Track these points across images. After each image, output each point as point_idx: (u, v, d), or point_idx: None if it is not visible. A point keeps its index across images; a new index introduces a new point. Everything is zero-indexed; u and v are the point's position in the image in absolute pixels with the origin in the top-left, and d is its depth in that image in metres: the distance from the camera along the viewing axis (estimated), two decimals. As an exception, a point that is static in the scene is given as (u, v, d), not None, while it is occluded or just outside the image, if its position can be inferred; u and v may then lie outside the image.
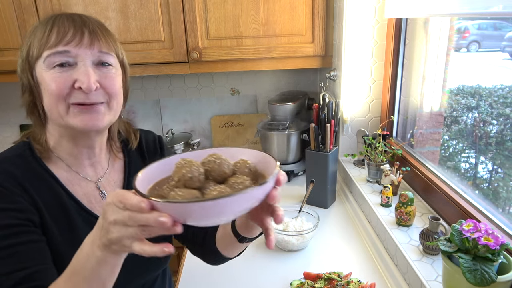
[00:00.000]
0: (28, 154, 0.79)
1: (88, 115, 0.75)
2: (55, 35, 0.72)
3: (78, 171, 0.84)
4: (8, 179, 0.73)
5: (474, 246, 0.78)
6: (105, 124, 0.79)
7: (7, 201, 0.71)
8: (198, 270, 1.20)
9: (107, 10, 1.66)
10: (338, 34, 1.65)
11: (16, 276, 0.66)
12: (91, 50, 0.74)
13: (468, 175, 1.29)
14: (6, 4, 1.64)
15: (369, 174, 1.47)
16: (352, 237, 1.34)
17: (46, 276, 0.68)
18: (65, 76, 0.73)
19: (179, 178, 0.53)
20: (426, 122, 1.49)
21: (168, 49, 1.72)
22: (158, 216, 0.48)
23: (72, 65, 0.74)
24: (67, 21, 0.75)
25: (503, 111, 1.14)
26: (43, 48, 0.73)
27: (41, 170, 0.79)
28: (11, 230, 0.69)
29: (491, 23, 1.43)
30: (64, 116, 0.75)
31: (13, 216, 0.70)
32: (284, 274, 1.15)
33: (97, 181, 0.86)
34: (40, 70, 0.74)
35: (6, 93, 2.19)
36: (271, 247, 0.60)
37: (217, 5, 1.67)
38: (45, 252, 0.73)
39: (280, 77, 2.19)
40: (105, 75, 0.76)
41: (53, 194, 0.78)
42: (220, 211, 0.49)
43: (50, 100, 0.74)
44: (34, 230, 0.73)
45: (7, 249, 0.68)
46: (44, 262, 0.71)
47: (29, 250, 0.70)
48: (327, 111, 1.54)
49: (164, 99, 2.20)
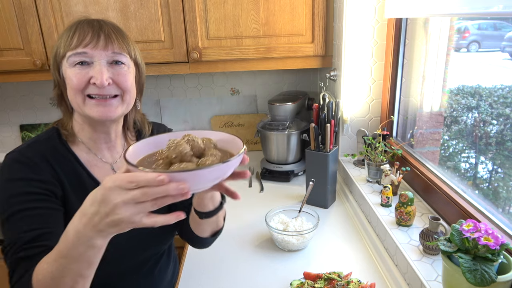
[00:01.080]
0: (56, 137, 0.94)
1: (102, 107, 0.88)
2: (76, 38, 0.86)
3: (97, 153, 0.97)
4: (37, 155, 0.88)
5: (474, 246, 0.78)
6: (118, 114, 0.91)
7: (34, 173, 0.85)
8: (198, 270, 1.20)
9: (107, 10, 1.66)
10: (338, 34, 1.65)
11: (28, 235, 0.78)
12: (106, 51, 0.87)
13: (468, 175, 1.29)
14: (6, 4, 1.64)
15: (369, 174, 1.47)
16: (352, 237, 1.34)
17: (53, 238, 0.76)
18: (83, 73, 0.86)
19: (176, 154, 0.63)
20: (426, 122, 1.49)
21: (168, 49, 1.72)
22: (178, 185, 0.55)
23: (89, 64, 0.86)
24: (87, 26, 0.87)
25: (503, 111, 1.14)
26: (66, 49, 0.86)
27: (66, 151, 0.93)
28: (34, 196, 0.83)
29: (491, 23, 1.43)
30: (81, 106, 0.88)
31: (37, 186, 0.84)
32: (284, 274, 1.15)
33: (113, 164, 0.99)
34: (65, 68, 0.88)
35: (6, 93, 2.19)
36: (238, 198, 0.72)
37: (217, 5, 1.67)
38: (59, 220, 0.85)
39: (280, 77, 2.19)
40: (117, 72, 0.88)
41: (74, 172, 0.92)
42: (214, 177, 0.61)
43: (71, 92, 0.88)
44: (54, 200, 0.86)
45: (28, 211, 0.81)
46: (55, 227, 0.82)
47: (45, 215, 0.82)
48: (327, 111, 1.54)
49: (164, 99, 2.20)
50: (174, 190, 0.55)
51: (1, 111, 2.22)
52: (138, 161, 0.66)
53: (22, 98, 2.20)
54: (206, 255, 1.28)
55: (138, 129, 1.07)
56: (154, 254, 1.05)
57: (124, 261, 0.95)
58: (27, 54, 1.72)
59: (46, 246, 0.76)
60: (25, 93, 2.19)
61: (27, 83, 2.17)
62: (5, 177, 0.85)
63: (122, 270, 0.97)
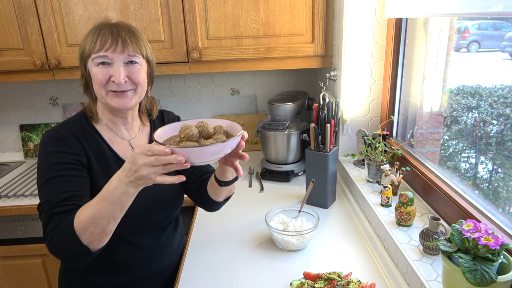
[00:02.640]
0: (83, 118, 1.15)
1: (120, 98, 1.08)
2: (99, 43, 1.04)
3: (117, 132, 1.18)
4: (68, 132, 1.08)
5: (474, 246, 0.78)
6: (133, 104, 1.11)
7: (66, 146, 1.05)
8: (198, 270, 1.20)
9: (107, 10, 1.66)
10: (338, 34, 1.65)
11: (62, 195, 0.96)
12: (123, 54, 1.05)
13: (468, 175, 1.29)
14: (6, 4, 1.64)
15: (369, 174, 1.47)
16: (352, 237, 1.34)
17: (82, 199, 0.97)
18: (105, 72, 1.05)
19: (184, 135, 0.85)
20: (426, 122, 1.49)
21: (168, 49, 1.72)
22: (177, 156, 0.77)
23: (110, 64, 1.05)
24: (107, 31, 1.05)
25: (503, 111, 1.14)
26: (91, 51, 1.05)
27: (91, 129, 1.13)
28: (66, 166, 1.02)
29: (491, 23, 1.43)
30: (105, 98, 1.08)
31: (68, 157, 1.04)
32: (284, 274, 1.15)
33: (130, 140, 1.19)
34: (90, 66, 1.07)
35: (6, 93, 2.19)
36: (240, 175, 0.98)
37: (217, 5, 1.67)
38: (86, 185, 1.04)
39: (280, 77, 2.19)
40: (132, 70, 1.07)
41: (98, 146, 1.12)
42: (212, 153, 0.81)
43: (96, 86, 1.08)
44: (82, 169, 1.05)
45: (60, 177, 1.00)
46: (83, 190, 1.02)
47: (75, 181, 1.02)
48: (327, 111, 1.54)
49: (164, 99, 2.20)
50: (175, 160, 0.77)
51: (1, 111, 2.22)
52: (164, 140, 0.88)
53: (22, 98, 2.20)
54: (206, 254, 1.28)
55: (149, 112, 1.27)
56: (165, 219, 1.22)
57: (140, 219, 1.13)
58: (27, 54, 1.72)
59: (76, 205, 0.94)
60: (25, 93, 2.19)
61: (27, 83, 2.17)
62: (44, 150, 1.04)
63: (136, 228, 1.14)
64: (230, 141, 0.82)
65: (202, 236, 1.40)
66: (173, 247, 1.26)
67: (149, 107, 1.27)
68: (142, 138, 1.23)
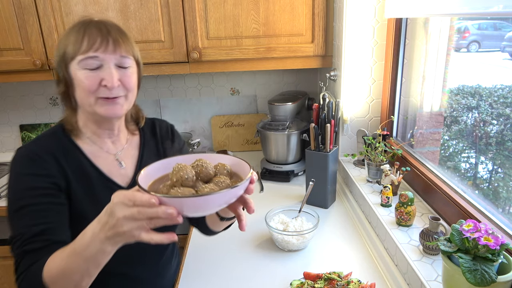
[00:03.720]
0: (60, 132, 0.99)
1: (111, 106, 0.94)
2: (86, 42, 0.90)
3: (101, 146, 1.03)
4: (42, 150, 0.93)
5: (474, 246, 0.78)
6: (124, 112, 0.98)
7: (39, 168, 0.90)
8: (198, 270, 1.20)
9: (107, 10, 1.66)
10: (338, 34, 1.65)
11: (33, 230, 0.83)
12: (114, 55, 0.92)
13: (468, 175, 1.29)
14: (6, 4, 1.64)
15: (369, 174, 1.47)
16: (352, 237, 1.34)
17: (58, 233, 0.86)
18: (95, 76, 0.91)
19: (177, 179, 0.66)
20: (426, 122, 1.49)
21: (168, 49, 1.72)
22: (166, 209, 0.61)
23: (99, 67, 0.91)
24: (95, 30, 0.91)
25: (503, 111, 1.14)
26: (76, 52, 0.90)
27: (70, 144, 0.98)
28: (38, 191, 0.88)
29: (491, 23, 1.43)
30: (93, 106, 0.93)
31: (43, 181, 0.89)
32: (284, 274, 1.15)
33: (116, 154, 1.05)
34: (74, 69, 0.91)
35: (6, 93, 2.19)
36: (243, 230, 0.79)
37: (217, 5, 1.67)
38: (64, 214, 0.90)
39: (280, 77, 2.19)
40: (124, 74, 0.94)
41: (79, 164, 0.97)
42: (210, 204, 0.64)
43: (82, 93, 0.92)
44: (58, 194, 0.91)
45: (31, 206, 0.86)
46: (59, 221, 0.88)
47: (50, 210, 0.87)
48: (327, 111, 1.54)
49: (164, 99, 2.20)
50: (164, 213, 0.61)
51: (1, 111, 2.22)
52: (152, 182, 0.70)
53: (22, 98, 2.20)
54: (206, 254, 1.28)
55: (135, 120, 1.13)
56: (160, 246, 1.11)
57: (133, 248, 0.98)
58: (27, 54, 1.72)
59: (50, 241, 0.83)
60: (25, 93, 2.19)
61: (27, 83, 2.16)
62: (15, 172, 0.91)
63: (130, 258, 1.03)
64: (236, 188, 0.63)
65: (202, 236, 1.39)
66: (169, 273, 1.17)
67: (134, 115, 1.13)
68: (130, 151, 1.08)
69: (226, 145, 2.24)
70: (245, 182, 0.66)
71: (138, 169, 1.06)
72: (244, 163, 0.73)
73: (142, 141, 1.12)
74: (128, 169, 1.06)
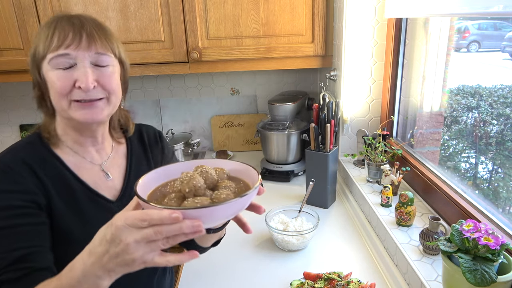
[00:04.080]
0: (37, 141, 0.88)
1: (88, 110, 0.83)
2: (57, 38, 0.80)
3: (84, 156, 0.92)
4: (16, 162, 0.80)
5: (474, 246, 0.78)
6: (104, 117, 0.87)
7: (13, 183, 0.78)
8: (198, 270, 1.20)
9: (107, 10, 1.66)
10: (338, 34, 1.65)
11: (11, 256, 0.71)
12: (89, 52, 0.81)
13: (468, 175, 1.29)
14: (6, 4, 1.64)
15: (369, 174, 1.47)
16: (352, 237, 1.34)
17: (40, 259, 0.73)
18: (67, 76, 0.80)
19: (190, 189, 0.60)
20: (426, 122, 1.49)
21: (168, 49, 1.72)
22: (192, 222, 0.53)
23: (72, 66, 0.81)
24: (67, 24, 0.81)
25: (503, 111, 1.14)
26: (46, 50, 0.80)
27: (49, 155, 0.87)
28: (13, 211, 0.75)
29: (491, 23, 1.43)
30: (67, 110, 0.83)
31: (17, 198, 0.76)
32: (284, 274, 1.15)
33: (102, 164, 0.95)
34: (46, 70, 0.82)
35: (6, 93, 2.19)
36: (250, 232, 0.71)
37: (217, 5, 1.67)
38: (44, 235, 0.78)
39: (280, 77, 2.19)
40: (102, 74, 0.83)
41: (60, 177, 0.86)
42: (229, 211, 0.59)
43: (55, 96, 0.83)
44: (37, 213, 0.78)
45: (6, 229, 0.73)
46: (40, 245, 0.75)
47: (27, 232, 0.75)
48: (327, 111, 1.54)
49: (164, 99, 2.20)
50: (188, 228, 0.53)
51: (1, 111, 2.22)
52: (149, 194, 0.64)
53: (22, 98, 2.20)
54: (206, 254, 1.28)
55: (122, 128, 1.03)
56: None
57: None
58: (27, 54, 1.71)
59: (31, 268, 0.71)
60: (25, 93, 2.19)
61: (27, 83, 2.16)
62: None
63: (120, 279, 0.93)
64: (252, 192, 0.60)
65: (202, 236, 1.40)
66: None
67: (122, 121, 1.02)
68: (117, 161, 0.98)
69: (226, 145, 2.24)
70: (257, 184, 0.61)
71: (127, 180, 0.97)
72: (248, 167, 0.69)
73: (129, 149, 1.02)
74: (116, 181, 0.96)
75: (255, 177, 0.65)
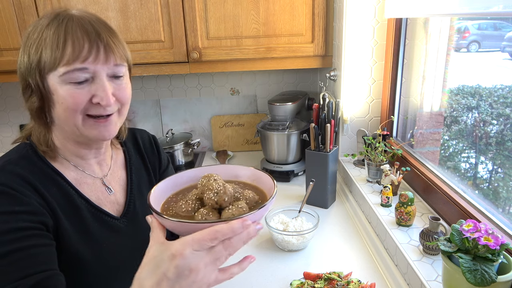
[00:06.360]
0: (32, 154, 0.79)
1: (103, 127, 0.78)
2: (71, 49, 0.71)
3: (85, 169, 0.86)
4: (16, 180, 0.72)
5: (474, 246, 0.78)
6: (116, 131, 0.82)
7: (18, 204, 0.70)
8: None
9: (107, 10, 1.66)
10: (338, 34, 1.65)
11: (28, 281, 0.63)
12: (107, 64, 0.75)
13: (468, 175, 1.29)
14: (6, 4, 1.64)
15: (369, 174, 1.47)
16: (352, 237, 1.34)
17: (55, 283, 0.67)
18: (83, 92, 0.73)
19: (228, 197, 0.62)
20: (426, 122, 1.49)
21: (168, 49, 1.72)
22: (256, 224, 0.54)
23: (88, 80, 0.74)
24: (80, 31, 0.72)
25: (503, 111, 1.14)
26: (58, 62, 0.71)
27: (49, 170, 0.79)
28: (22, 233, 0.67)
29: (491, 23, 1.43)
30: (80, 127, 0.76)
31: (25, 219, 0.69)
32: (284, 274, 1.15)
33: (103, 178, 0.89)
34: (54, 83, 0.73)
35: (6, 93, 2.19)
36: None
37: (217, 5, 1.67)
38: (54, 257, 0.72)
39: (280, 77, 2.19)
40: (118, 86, 0.78)
41: (64, 194, 0.79)
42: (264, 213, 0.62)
43: (66, 112, 0.74)
44: (45, 234, 0.71)
45: (16, 253, 0.65)
46: (53, 268, 0.69)
47: (41, 254, 0.68)
48: (327, 111, 1.54)
49: (164, 99, 2.20)
50: (254, 231, 0.53)
51: (1, 111, 2.22)
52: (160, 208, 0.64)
53: (22, 98, 2.19)
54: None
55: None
56: None
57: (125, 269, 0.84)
58: (27, 54, 1.72)
59: None
60: (25, 93, 2.18)
61: (27, 83, 2.16)
62: None
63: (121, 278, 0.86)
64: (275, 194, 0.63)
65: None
66: None
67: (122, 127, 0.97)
68: (117, 172, 0.93)
69: (226, 145, 2.24)
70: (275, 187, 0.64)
71: (129, 194, 0.93)
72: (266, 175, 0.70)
73: (127, 159, 0.97)
74: (118, 194, 0.92)
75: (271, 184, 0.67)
